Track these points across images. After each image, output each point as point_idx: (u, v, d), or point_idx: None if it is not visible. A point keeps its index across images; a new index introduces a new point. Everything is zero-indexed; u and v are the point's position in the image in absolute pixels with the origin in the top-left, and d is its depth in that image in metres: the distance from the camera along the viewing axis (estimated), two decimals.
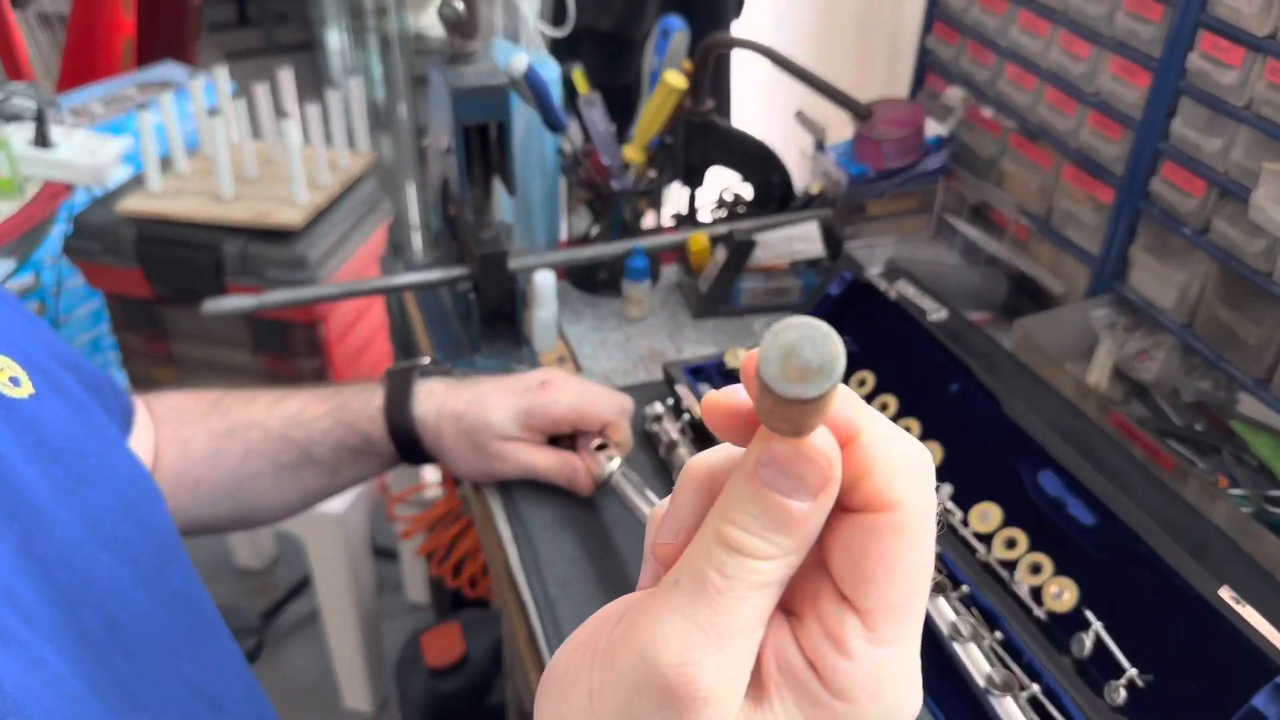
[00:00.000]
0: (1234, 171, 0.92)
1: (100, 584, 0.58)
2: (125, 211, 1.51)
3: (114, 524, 0.62)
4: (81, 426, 0.65)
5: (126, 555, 0.62)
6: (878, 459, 0.31)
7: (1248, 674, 0.66)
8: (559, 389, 0.87)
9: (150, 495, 0.68)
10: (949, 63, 1.24)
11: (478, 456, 0.88)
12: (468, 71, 0.95)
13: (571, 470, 0.88)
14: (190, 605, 0.68)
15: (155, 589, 0.63)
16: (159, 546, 0.66)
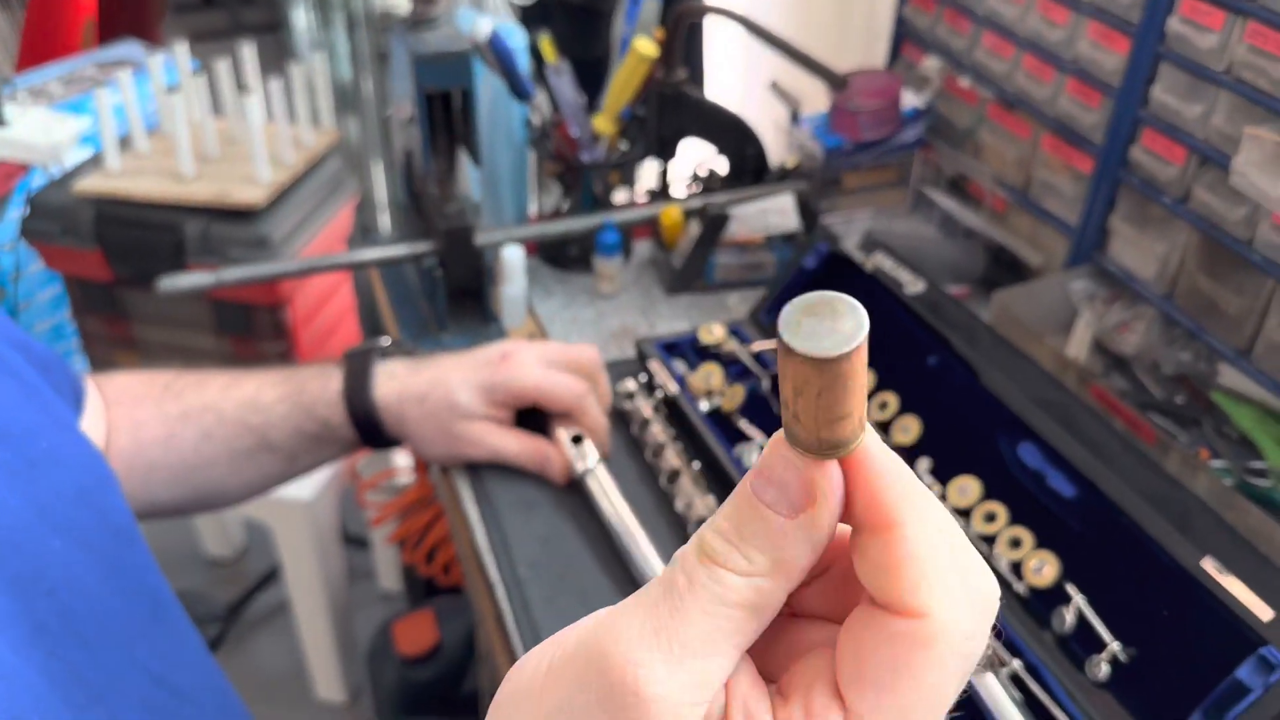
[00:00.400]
0: (1214, 138, 0.90)
1: (53, 571, 0.56)
2: (83, 192, 1.47)
3: (67, 509, 0.60)
4: (32, 409, 0.62)
5: (80, 541, 0.59)
6: (914, 558, 0.28)
7: (1231, 645, 0.65)
8: (520, 363, 0.85)
9: (104, 479, 0.65)
10: (925, 32, 1.22)
11: (445, 438, 0.85)
12: (430, 37, 0.92)
13: (543, 458, 0.85)
14: (147, 592, 0.65)
15: (111, 575, 0.61)
16: (114, 531, 0.63)
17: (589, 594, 0.78)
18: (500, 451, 0.85)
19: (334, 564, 1.73)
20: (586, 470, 0.83)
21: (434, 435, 0.85)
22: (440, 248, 1.00)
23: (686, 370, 0.96)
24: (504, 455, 0.86)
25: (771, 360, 0.96)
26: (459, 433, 0.85)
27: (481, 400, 0.84)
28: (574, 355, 0.88)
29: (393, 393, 0.85)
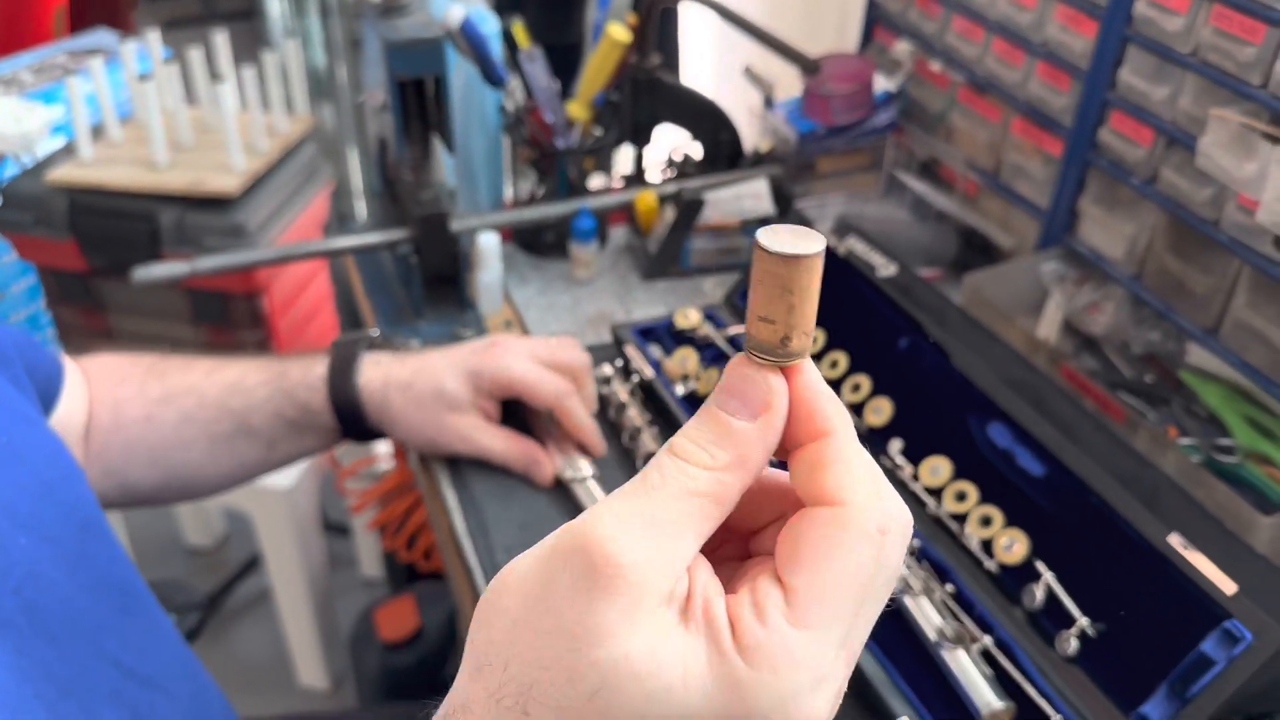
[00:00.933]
0: (1181, 120, 0.91)
1: (19, 568, 0.56)
2: (55, 181, 1.46)
3: (31, 504, 0.59)
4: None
5: (45, 536, 0.59)
6: (841, 459, 0.35)
7: (1196, 620, 0.66)
8: (507, 351, 0.85)
9: (69, 472, 0.65)
10: (897, 15, 1.22)
11: (431, 428, 0.85)
12: (402, 24, 0.92)
13: (531, 460, 0.85)
14: (115, 584, 0.65)
15: (77, 569, 0.61)
16: (80, 525, 0.63)
17: None
18: (487, 450, 0.85)
19: (314, 551, 1.73)
20: (576, 478, 0.84)
21: (419, 424, 0.85)
22: (415, 235, 1.01)
23: (662, 355, 0.97)
24: (491, 454, 0.85)
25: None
26: (446, 424, 0.84)
27: (468, 387, 0.84)
28: (562, 356, 0.87)
29: (377, 378, 0.84)
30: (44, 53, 2.15)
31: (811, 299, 0.34)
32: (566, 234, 1.12)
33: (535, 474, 0.85)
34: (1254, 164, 0.82)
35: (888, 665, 0.72)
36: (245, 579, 2.08)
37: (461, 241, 1.02)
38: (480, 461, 0.87)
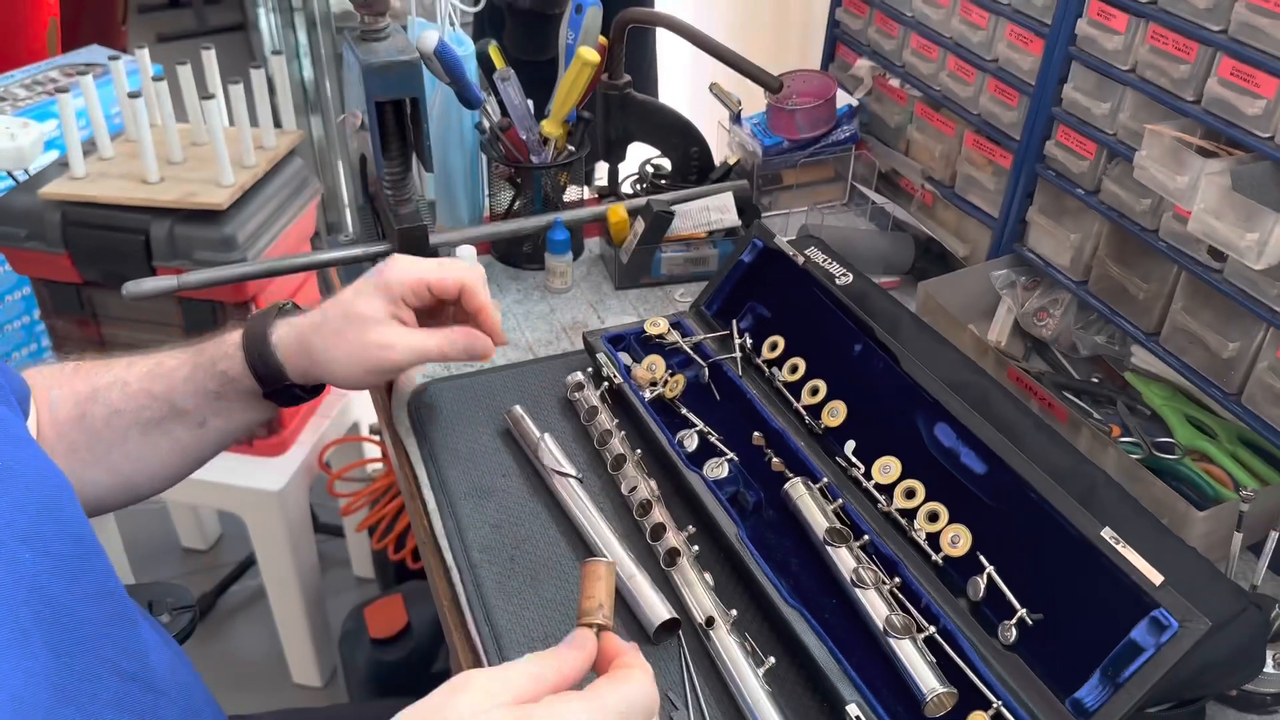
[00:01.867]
0: (1121, 133, 0.96)
1: (26, 580, 0.58)
2: (49, 196, 1.50)
3: (29, 521, 0.61)
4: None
5: (45, 550, 0.61)
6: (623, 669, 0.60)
7: (1127, 609, 0.70)
8: (403, 259, 0.86)
9: (61, 488, 0.67)
10: (858, 34, 1.27)
11: (358, 351, 0.84)
12: (379, 48, 0.96)
13: (469, 339, 0.86)
14: (109, 594, 0.66)
15: (75, 581, 0.63)
16: (75, 538, 0.65)
17: (538, 575, 0.83)
18: (423, 349, 0.85)
19: (306, 552, 1.78)
20: (566, 474, 0.88)
21: (345, 355, 0.84)
22: (396, 248, 1.05)
23: (631, 361, 1.01)
24: (428, 352, 0.85)
25: (711, 350, 1.01)
26: (371, 340, 0.83)
27: (380, 300, 0.84)
28: (449, 261, 0.88)
29: (290, 331, 0.85)
30: (37, 69, 2.19)
31: (611, 589, 0.61)
32: (542, 246, 1.17)
33: (479, 351, 0.86)
34: (1186, 176, 0.87)
35: (838, 655, 0.76)
36: (239, 580, 2.13)
37: (440, 254, 1.07)
38: (458, 461, 0.92)
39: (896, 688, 0.74)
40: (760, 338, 1.01)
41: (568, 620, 0.79)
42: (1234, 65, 0.83)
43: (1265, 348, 0.87)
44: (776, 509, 0.88)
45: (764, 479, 0.90)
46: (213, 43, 1.58)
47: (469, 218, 1.26)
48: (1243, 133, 0.83)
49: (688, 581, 0.79)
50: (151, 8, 4.73)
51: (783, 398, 0.96)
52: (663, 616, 0.77)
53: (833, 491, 0.86)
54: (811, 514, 0.84)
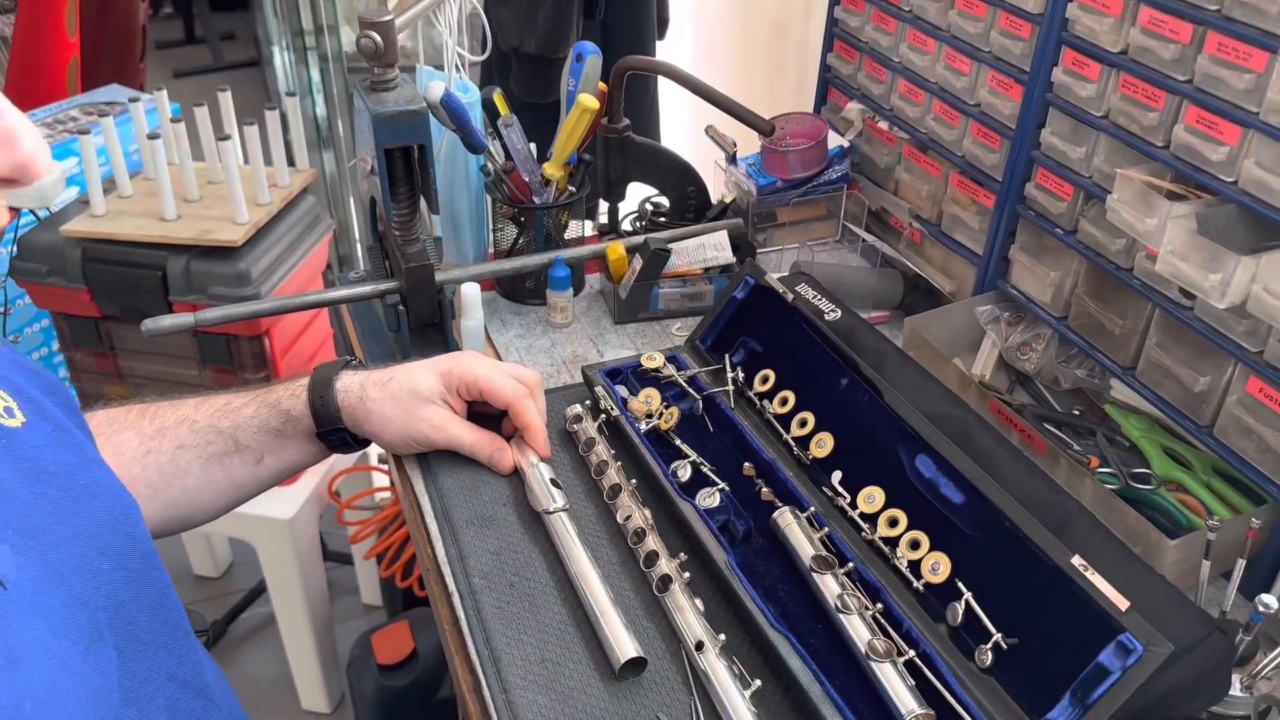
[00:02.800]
0: (1096, 176, 1.00)
1: (104, 589, 0.64)
2: (70, 233, 1.56)
3: (106, 536, 0.67)
4: (67, 449, 0.70)
5: (119, 563, 0.67)
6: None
7: (1095, 634, 0.73)
8: (473, 358, 0.97)
9: (130, 507, 0.73)
10: (849, 78, 1.32)
11: (405, 418, 0.94)
12: (388, 97, 1.01)
13: (495, 449, 0.96)
14: (169, 608, 0.72)
15: (141, 593, 0.68)
16: (143, 554, 0.71)
17: (536, 601, 0.87)
18: (457, 439, 0.96)
19: (315, 578, 1.82)
20: (556, 509, 0.92)
21: (394, 416, 0.94)
22: (403, 286, 1.09)
23: (628, 394, 1.05)
24: (460, 443, 0.96)
25: (705, 384, 1.05)
26: (420, 414, 0.94)
27: (440, 385, 0.95)
28: (518, 369, 0.99)
29: (355, 382, 0.95)
30: (58, 107, 2.26)
31: None
32: (544, 282, 1.21)
33: (498, 462, 0.97)
34: (1154, 219, 0.91)
35: (821, 677, 0.79)
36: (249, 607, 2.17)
37: (446, 291, 1.11)
38: (460, 491, 0.96)
39: (877, 709, 0.77)
40: (752, 371, 1.05)
41: (565, 644, 0.82)
42: (1199, 113, 0.88)
43: (1235, 382, 0.90)
44: (765, 537, 0.91)
45: (754, 508, 0.94)
46: (228, 78, 1.64)
47: (474, 255, 1.31)
48: (1208, 177, 0.88)
49: (679, 606, 0.83)
50: (168, 44, 4.83)
51: (773, 429, 1.00)
52: (630, 653, 0.79)
53: (819, 520, 0.90)
54: (799, 542, 0.88)
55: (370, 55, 0.99)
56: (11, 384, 0.69)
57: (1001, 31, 1.07)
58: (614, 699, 0.78)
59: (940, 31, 1.16)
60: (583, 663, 0.81)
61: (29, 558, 0.59)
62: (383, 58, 0.99)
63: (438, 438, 0.96)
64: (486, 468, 0.98)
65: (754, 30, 1.89)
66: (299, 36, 2.29)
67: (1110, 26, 0.95)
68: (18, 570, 0.58)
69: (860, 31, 1.29)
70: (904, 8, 1.21)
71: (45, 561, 0.60)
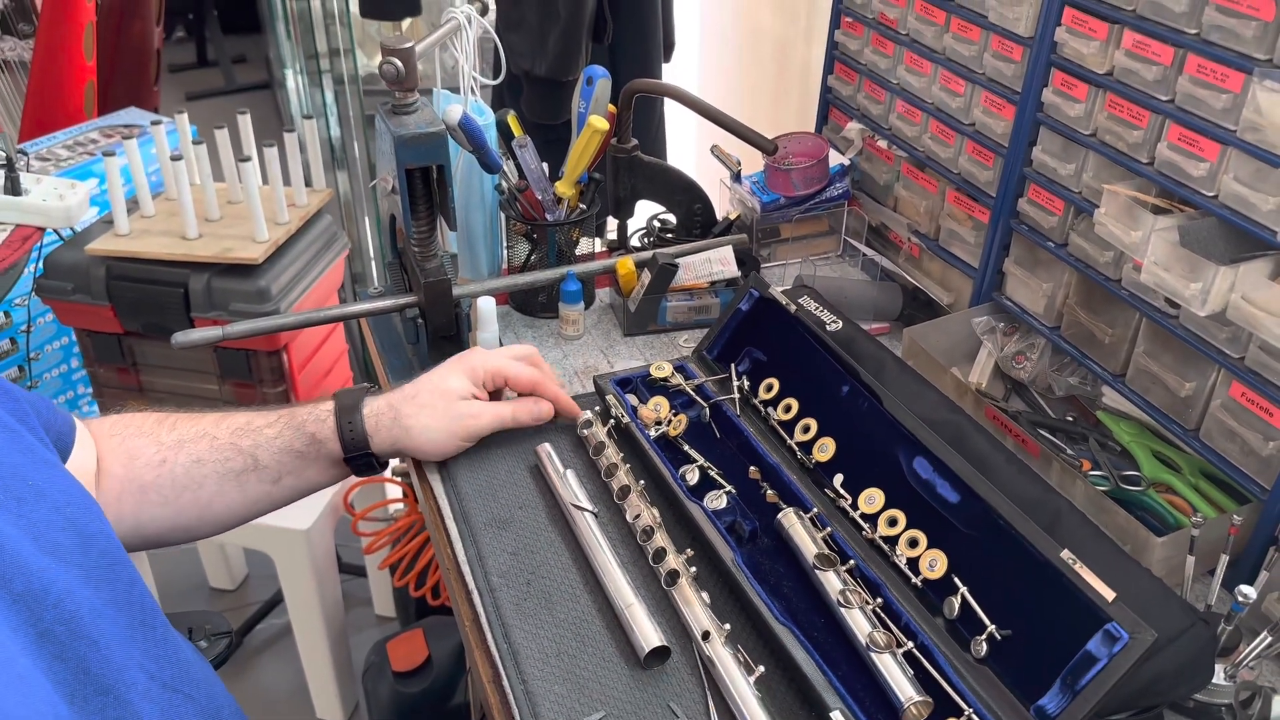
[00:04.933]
0: (1086, 192, 1.05)
1: (56, 586, 0.66)
2: (95, 251, 1.61)
3: (55, 535, 0.69)
4: (16, 452, 0.72)
5: (71, 561, 0.69)
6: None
7: (1083, 624, 0.77)
8: (483, 352, 1.03)
9: (86, 507, 0.74)
10: (849, 99, 1.37)
11: (446, 420, 0.99)
12: (408, 120, 1.06)
13: (533, 405, 1.03)
14: (136, 603, 0.74)
15: (102, 589, 0.71)
16: (100, 552, 0.72)
17: (553, 599, 0.91)
18: (500, 417, 1.01)
19: (330, 588, 1.86)
20: (584, 508, 0.97)
21: (436, 421, 0.98)
22: (422, 300, 1.14)
23: (638, 402, 1.10)
24: (504, 419, 1.01)
25: (712, 392, 1.10)
26: (459, 411, 0.99)
27: (467, 380, 1.00)
28: (517, 349, 1.05)
29: (382, 403, 0.98)
30: (78, 130, 2.31)
31: None
32: (556, 296, 1.26)
33: (542, 414, 1.03)
34: (1139, 232, 0.95)
35: (824, 667, 0.83)
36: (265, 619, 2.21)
37: (462, 305, 1.16)
38: (478, 495, 1.00)
39: (877, 697, 0.81)
40: (757, 380, 1.09)
41: (580, 638, 0.86)
42: (1181, 131, 0.92)
43: (1218, 387, 0.95)
44: (770, 537, 0.95)
45: (759, 509, 0.98)
46: (239, 100, 1.70)
47: (488, 270, 1.36)
48: (1190, 191, 0.92)
49: (686, 600, 0.87)
50: (181, 67, 4.90)
51: (777, 435, 1.04)
52: (654, 642, 0.84)
53: (822, 521, 0.94)
54: (802, 541, 0.92)
55: (392, 80, 1.04)
56: None
57: (994, 54, 1.12)
58: (628, 689, 0.82)
59: (936, 54, 1.21)
60: (597, 655, 0.85)
61: None
62: (404, 82, 1.04)
63: (484, 424, 1.00)
64: (502, 472, 1.02)
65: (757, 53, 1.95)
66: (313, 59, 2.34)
67: (1097, 49, 1.00)
68: None
69: (860, 54, 1.34)
70: (901, 31, 1.26)
71: None
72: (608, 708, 0.81)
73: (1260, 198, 0.85)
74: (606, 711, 0.80)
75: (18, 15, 2.93)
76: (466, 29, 1.24)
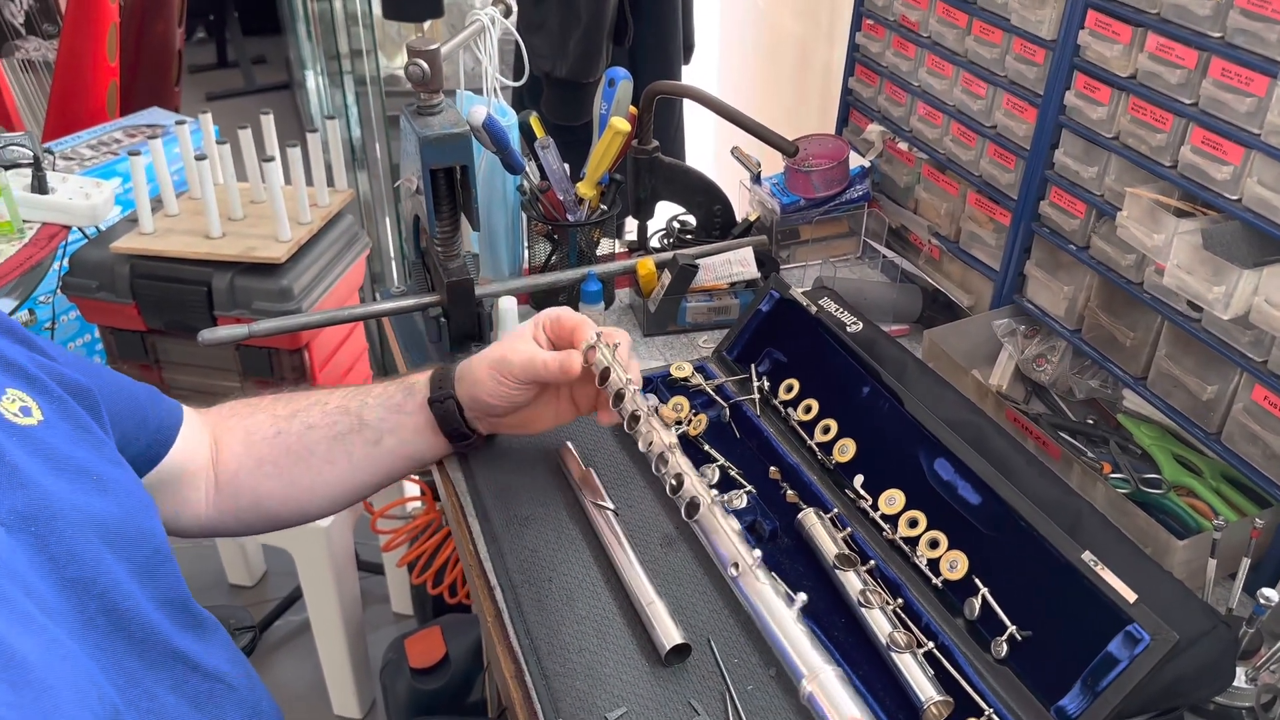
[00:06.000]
0: (1108, 194, 1.05)
1: (105, 578, 0.69)
2: (120, 250, 1.62)
3: (114, 528, 0.72)
4: (85, 446, 0.75)
5: (124, 555, 0.72)
6: None
7: (1104, 625, 0.77)
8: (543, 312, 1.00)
9: (144, 504, 0.78)
10: (870, 101, 1.37)
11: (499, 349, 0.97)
12: (434, 121, 1.07)
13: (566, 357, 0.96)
14: (178, 599, 0.77)
15: (148, 584, 0.73)
16: (152, 549, 0.75)
17: (573, 594, 0.91)
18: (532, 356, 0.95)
19: (349, 585, 1.87)
20: (605, 507, 0.97)
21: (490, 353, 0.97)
22: (445, 299, 1.15)
23: (658, 402, 1.10)
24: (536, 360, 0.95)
25: (732, 392, 1.10)
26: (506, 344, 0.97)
27: (528, 326, 0.98)
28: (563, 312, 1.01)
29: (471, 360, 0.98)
30: (102, 130, 2.34)
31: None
32: (577, 296, 1.27)
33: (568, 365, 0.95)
34: (1162, 235, 0.95)
35: (845, 667, 0.83)
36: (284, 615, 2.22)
37: (485, 304, 1.17)
38: (499, 493, 1.01)
39: (897, 696, 0.82)
40: (777, 381, 1.09)
41: (601, 635, 0.87)
42: (1204, 134, 0.92)
43: (1240, 390, 0.95)
44: (791, 537, 0.96)
45: (779, 509, 0.98)
46: (259, 101, 1.71)
47: (510, 270, 1.37)
48: (1214, 195, 0.92)
49: (712, 529, 0.85)
50: (201, 67, 4.94)
51: (797, 436, 1.05)
52: (675, 640, 0.84)
53: (842, 521, 0.94)
54: (823, 541, 0.92)
55: (418, 82, 1.05)
56: (32, 383, 0.74)
57: (1016, 57, 1.12)
58: (648, 686, 0.83)
59: (957, 57, 1.21)
60: (618, 652, 0.86)
61: (23, 541, 0.64)
62: (429, 84, 1.05)
63: (516, 358, 0.95)
64: (523, 470, 1.03)
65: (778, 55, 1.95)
66: (334, 60, 2.36)
67: (1120, 52, 1.00)
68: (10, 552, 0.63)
69: (881, 56, 1.34)
70: (923, 34, 1.27)
71: (42, 547, 0.65)
72: (628, 704, 0.81)
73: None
74: (627, 708, 0.81)
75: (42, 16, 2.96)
76: (490, 31, 1.25)
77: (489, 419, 1.01)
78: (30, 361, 0.76)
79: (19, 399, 0.72)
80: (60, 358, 0.81)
